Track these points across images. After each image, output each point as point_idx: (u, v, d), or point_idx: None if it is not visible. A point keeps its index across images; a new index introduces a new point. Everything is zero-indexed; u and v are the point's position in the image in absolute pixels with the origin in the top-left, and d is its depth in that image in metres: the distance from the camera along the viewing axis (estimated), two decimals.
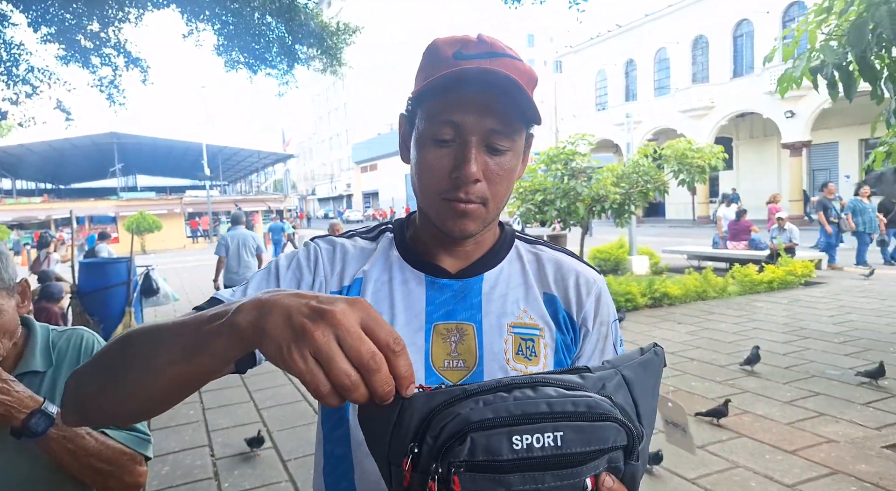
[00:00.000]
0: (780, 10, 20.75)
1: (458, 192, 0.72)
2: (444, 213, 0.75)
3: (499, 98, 0.70)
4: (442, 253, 0.82)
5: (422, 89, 0.73)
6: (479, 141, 0.72)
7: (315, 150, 71.66)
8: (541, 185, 9.53)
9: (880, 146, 4.99)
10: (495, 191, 0.75)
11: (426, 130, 0.74)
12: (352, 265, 0.83)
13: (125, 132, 34.33)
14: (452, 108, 0.71)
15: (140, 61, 7.91)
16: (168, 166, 46.90)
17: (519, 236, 0.89)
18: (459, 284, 0.80)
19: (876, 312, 6.64)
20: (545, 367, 0.79)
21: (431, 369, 0.75)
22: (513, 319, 0.79)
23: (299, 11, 7.40)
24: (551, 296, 0.83)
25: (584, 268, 0.87)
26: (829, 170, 21.57)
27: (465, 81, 0.69)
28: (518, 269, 0.84)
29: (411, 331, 0.77)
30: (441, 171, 0.73)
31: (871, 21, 3.68)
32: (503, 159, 0.74)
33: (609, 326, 0.85)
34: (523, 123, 0.75)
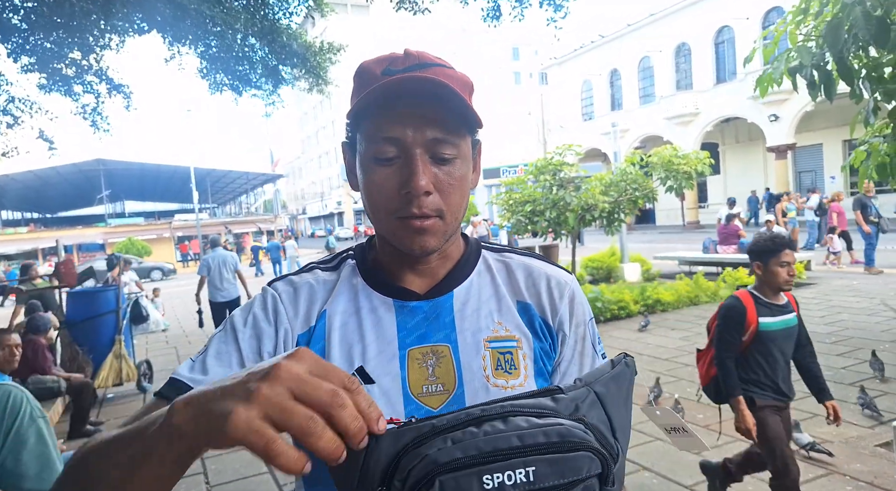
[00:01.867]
0: (760, 16, 21.11)
1: (410, 208, 0.70)
2: (400, 233, 0.72)
3: (434, 105, 0.69)
4: (407, 274, 0.79)
5: (355, 109, 0.71)
6: (424, 153, 0.70)
7: (304, 169, 71.73)
8: (530, 197, 9.57)
9: (860, 146, 5.06)
10: (449, 202, 0.72)
11: (367, 151, 0.72)
12: (316, 302, 0.79)
13: (111, 158, 34.22)
14: (390, 124, 0.69)
15: (123, 87, 7.90)
16: (156, 191, 46.73)
17: (485, 246, 0.87)
18: (430, 304, 0.77)
19: (866, 311, 6.67)
20: (526, 378, 0.76)
21: (410, 397, 0.72)
22: (488, 334, 0.77)
23: (282, 32, 7.44)
24: (525, 303, 0.80)
25: (554, 270, 0.84)
26: (815, 171, 21.85)
27: (396, 94, 0.67)
28: (488, 280, 0.82)
29: (385, 360, 0.74)
30: (389, 189, 0.71)
31: (846, 22, 3.73)
32: (452, 168, 0.72)
33: (586, 326, 0.83)
34: (466, 129, 0.74)
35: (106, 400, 5.91)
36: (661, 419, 1.88)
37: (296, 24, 8.43)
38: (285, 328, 0.76)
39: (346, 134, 0.78)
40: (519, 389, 0.74)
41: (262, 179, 42.95)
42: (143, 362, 6.26)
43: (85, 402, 4.84)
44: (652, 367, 5.27)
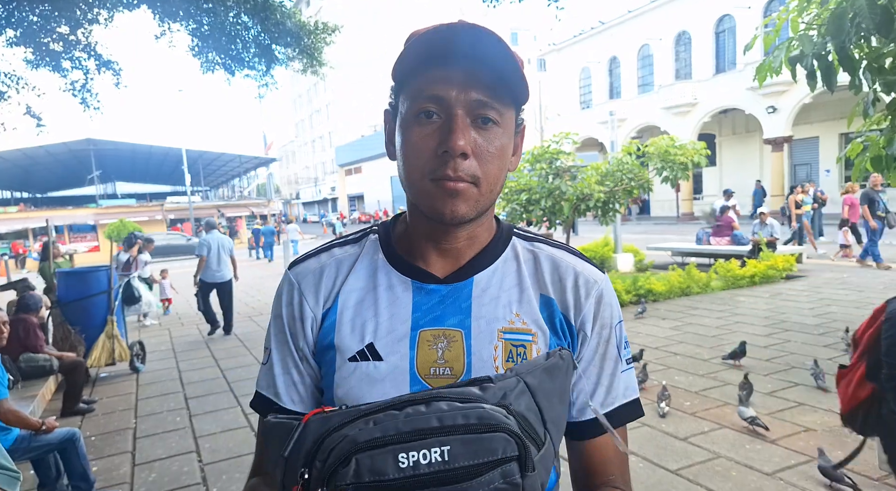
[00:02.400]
0: (762, 5, 20.97)
1: (446, 169, 0.67)
2: (433, 196, 0.70)
3: (485, 68, 0.67)
4: (432, 253, 0.77)
5: (401, 68, 0.70)
6: (465, 114, 0.68)
7: (298, 153, 71.22)
8: (526, 185, 9.56)
9: (858, 138, 5.06)
10: (486, 170, 0.70)
11: (409, 111, 0.70)
12: (337, 280, 0.79)
13: (102, 138, 33.81)
14: (434, 81, 0.68)
15: (112, 64, 7.77)
16: (148, 172, 46.30)
17: (517, 233, 0.84)
18: (448, 289, 0.76)
19: (854, 304, 6.74)
20: None
21: (417, 377, 0.72)
22: (504, 324, 0.75)
23: (275, 10, 7.31)
24: (548, 298, 0.77)
25: (585, 266, 0.80)
26: (811, 164, 21.91)
27: (446, 52, 0.66)
28: (513, 269, 0.79)
29: (395, 338, 0.74)
30: (426, 149, 0.69)
31: (850, 11, 3.71)
32: (492, 135, 0.70)
33: (612, 329, 0.78)
34: (511, 99, 0.72)
35: (99, 379, 5.92)
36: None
37: (290, 2, 8.30)
38: (311, 316, 0.78)
39: (389, 99, 0.76)
40: None
41: (255, 163, 42.63)
42: (136, 343, 6.26)
43: (77, 380, 4.86)
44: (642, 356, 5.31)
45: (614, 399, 0.77)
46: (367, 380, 0.72)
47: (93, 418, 4.70)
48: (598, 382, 0.77)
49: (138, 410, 4.86)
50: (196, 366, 6.16)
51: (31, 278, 6.62)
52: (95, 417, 4.74)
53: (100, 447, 4.07)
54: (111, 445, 4.11)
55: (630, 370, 0.80)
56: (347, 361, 0.73)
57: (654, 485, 2.97)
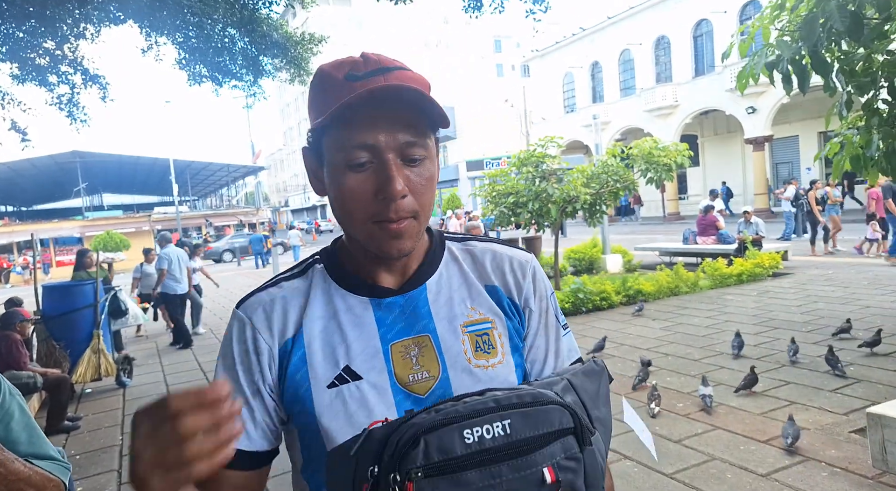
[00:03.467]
0: (737, 10, 21.34)
1: (388, 212, 0.71)
2: (378, 237, 0.74)
3: (406, 111, 0.71)
4: (380, 272, 0.81)
5: (326, 120, 0.71)
6: (396, 156, 0.71)
7: (286, 161, 70.96)
8: (513, 188, 9.61)
9: (835, 138, 5.16)
10: (423, 202, 0.74)
11: (338, 158, 0.72)
12: (291, 314, 0.79)
13: (88, 150, 33.48)
14: (362, 131, 0.70)
15: (99, 78, 7.72)
16: (135, 183, 45.90)
17: (448, 237, 0.90)
18: (405, 298, 0.80)
19: (840, 300, 6.83)
20: (504, 355, 0.80)
21: (398, 387, 0.75)
22: (464, 319, 0.80)
23: (262, 22, 7.32)
24: (493, 286, 0.84)
25: (514, 252, 0.89)
26: (792, 163, 22.26)
27: (368, 102, 0.68)
28: (456, 269, 0.85)
29: (369, 356, 0.76)
30: (365, 195, 0.72)
31: (821, 16, 3.81)
32: (422, 169, 0.74)
33: (548, 300, 0.87)
34: (432, 130, 0.76)
35: (84, 395, 5.83)
36: (628, 417, 1.90)
37: (276, 15, 8.31)
38: (267, 352, 0.77)
39: (308, 139, 0.78)
40: (499, 365, 0.79)
41: (243, 171, 42.40)
42: (123, 357, 6.19)
43: (62, 397, 4.76)
44: (633, 356, 5.35)
45: (563, 362, 0.85)
46: (350, 400, 0.73)
47: (78, 436, 4.62)
48: (546, 349, 0.85)
49: (125, 426, 4.78)
50: (184, 379, 6.09)
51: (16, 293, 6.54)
52: (81, 434, 4.65)
53: (85, 466, 3.99)
54: (97, 464, 4.04)
55: (569, 333, 0.89)
56: (326, 388, 0.74)
57: (649, 489, 2.99)
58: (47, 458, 1.27)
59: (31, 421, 1.32)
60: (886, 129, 4.56)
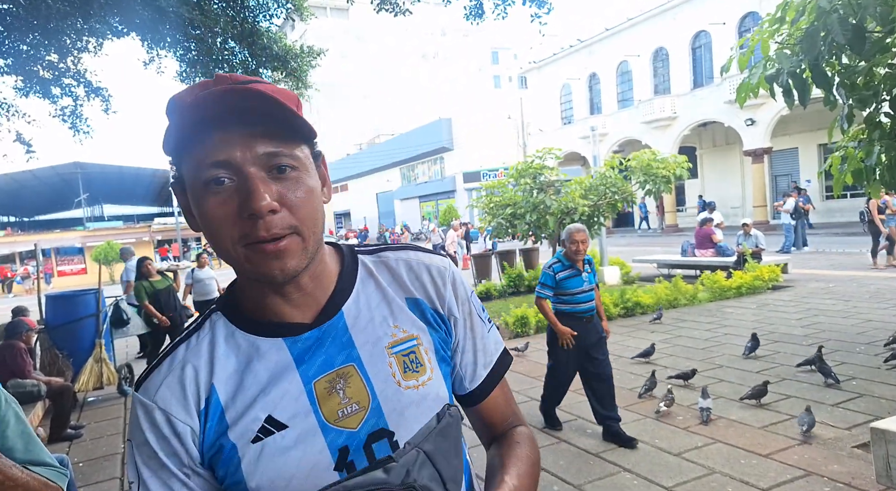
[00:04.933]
0: (736, 22, 21.50)
1: (258, 232, 0.64)
2: (255, 261, 0.66)
3: (261, 120, 0.64)
4: (287, 307, 0.73)
5: (172, 143, 0.65)
6: (259, 170, 0.64)
7: None
8: (511, 200, 9.65)
9: (837, 151, 5.17)
10: (302, 215, 0.67)
11: (196, 182, 0.65)
12: (201, 379, 0.71)
13: (89, 161, 33.59)
14: (213, 147, 0.63)
15: (101, 90, 7.80)
16: (135, 194, 45.87)
17: (360, 251, 0.84)
18: (321, 330, 0.73)
19: (841, 314, 6.83)
20: (432, 371, 0.77)
21: (328, 426, 0.70)
22: (388, 340, 0.75)
23: (261, 35, 7.40)
24: (414, 299, 0.80)
25: (430, 258, 0.84)
26: (791, 175, 22.31)
27: (212, 115, 0.62)
28: (372, 286, 0.79)
29: (292, 400, 0.70)
30: (230, 215, 0.64)
31: (822, 29, 3.83)
32: (294, 181, 0.67)
33: (469, 302, 0.84)
34: (300, 139, 0.69)
35: (87, 403, 5.83)
36: None
37: (276, 27, 8.39)
38: (187, 430, 0.70)
39: (172, 174, 0.71)
40: (428, 382, 0.76)
41: None
42: (125, 366, 6.20)
43: (65, 406, 4.79)
44: (631, 368, 5.35)
45: (491, 357, 0.85)
46: (278, 452, 0.68)
47: (81, 444, 4.63)
48: (475, 349, 0.84)
49: (127, 434, 4.77)
50: None
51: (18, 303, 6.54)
52: (83, 442, 4.67)
53: (88, 474, 4.01)
54: (100, 471, 4.05)
55: (493, 328, 0.88)
56: (251, 443, 0.68)
57: None
58: (44, 464, 1.29)
59: (27, 429, 1.34)
60: (889, 142, 4.56)
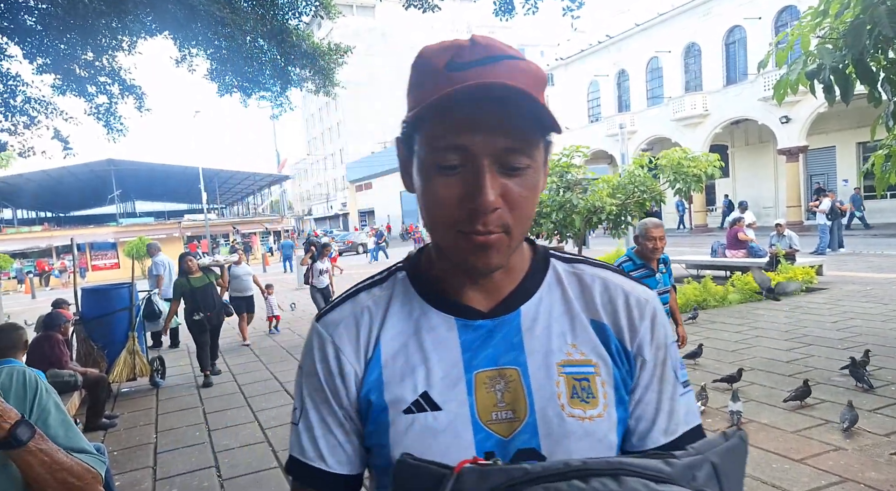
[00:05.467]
0: (772, 16, 20.91)
1: (474, 225, 0.62)
2: (461, 248, 0.65)
3: (508, 112, 0.61)
4: (468, 289, 0.71)
5: (416, 114, 0.63)
6: (492, 163, 0.62)
7: (310, 170, 71.91)
8: None
9: (880, 149, 4.98)
10: (519, 215, 0.64)
11: (428, 158, 0.64)
12: (372, 328, 0.72)
13: (122, 159, 34.50)
14: (456, 130, 0.61)
15: (135, 88, 7.98)
16: (166, 191, 47.02)
17: (554, 255, 0.77)
18: (495, 323, 0.70)
19: (881, 317, 6.61)
20: (605, 408, 0.68)
21: (480, 425, 0.67)
22: (562, 357, 0.69)
23: (291, 33, 7.46)
24: (601, 323, 0.71)
25: (632, 286, 0.74)
26: (827, 174, 21.65)
27: (464, 100, 0.59)
28: (558, 295, 0.73)
29: (451, 384, 0.68)
30: (451, 201, 0.63)
31: (869, 21, 3.69)
32: (523, 179, 0.64)
33: (666, 350, 0.73)
34: (540, 134, 0.65)
35: (120, 394, 6.00)
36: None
37: (304, 25, 8.47)
38: (352, 372, 0.72)
39: (402, 130, 0.69)
40: (598, 419, 0.67)
41: (268, 180, 43.11)
42: (157, 358, 6.35)
43: (100, 395, 4.94)
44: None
45: (676, 426, 0.71)
46: (427, 432, 0.66)
47: (115, 433, 4.77)
48: (658, 408, 0.71)
49: (158, 425, 4.91)
50: (213, 381, 6.20)
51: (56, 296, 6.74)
52: (117, 432, 4.80)
53: (122, 462, 4.11)
54: (133, 460, 4.16)
55: (689, 393, 0.74)
56: (402, 413, 0.68)
57: None
58: (83, 452, 1.33)
59: (66, 417, 1.37)
60: None
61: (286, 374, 6.34)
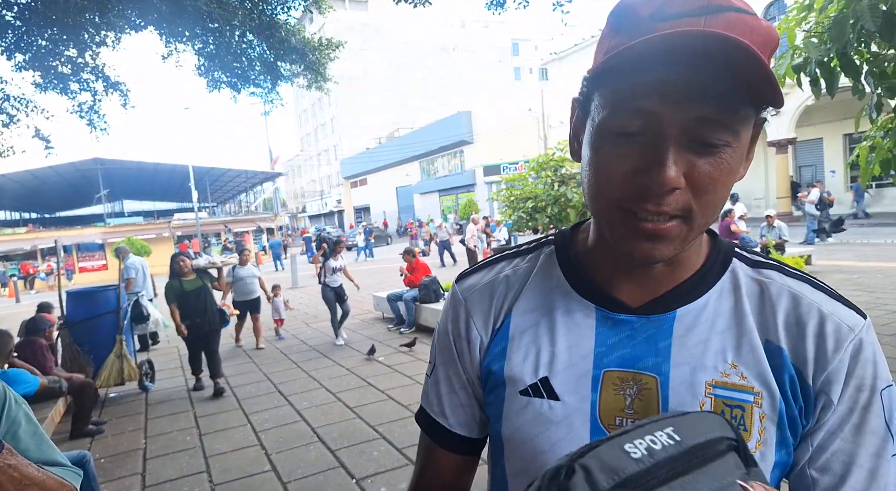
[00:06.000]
0: (761, 10, 21.04)
1: (644, 204, 0.53)
2: (621, 231, 0.56)
3: (719, 73, 0.49)
4: (619, 278, 0.63)
5: (602, 67, 0.53)
6: (681, 135, 0.51)
7: (303, 167, 71.64)
8: (531, 193, 9.56)
9: (864, 141, 5.02)
10: (705, 201, 0.54)
11: (606, 122, 0.54)
12: (506, 298, 0.69)
13: (109, 157, 34.12)
14: (644, 91, 0.51)
15: (120, 85, 7.85)
16: (155, 190, 46.64)
17: (739, 255, 0.65)
18: (642, 321, 0.62)
19: (865, 305, 6.62)
20: (759, 445, 0.58)
21: (599, 426, 0.60)
22: (715, 376, 0.59)
23: (280, 28, 7.37)
24: (777, 347, 0.59)
25: (836, 307, 0.60)
26: (815, 166, 21.86)
27: (664, 52, 0.48)
28: (730, 305, 0.61)
29: (575, 375, 0.62)
30: (622, 173, 0.53)
31: (852, 16, 3.72)
32: (718, 159, 0.53)
33: (874, 393, 0.58)
34: (752, 107, 0.53)
35: (108, 400, 5.89)
36: None
37: (294, 20, 8.36)
38: (478, 338, 0.70)
39: (581, 89, 0.60)
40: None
41: (261, 177, 42.88)
42: (146, 362, 6.24)
43: (86, 402, 4.83)
44: None
45: (882, 490, 0.56)
46: (540, 420, 0.62)
47: (102, 440, 4.66)
48: (852, 462, 0.57)
49: (148, 430, 4.82)
50: (205, 383, 6.11)
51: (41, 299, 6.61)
52: (105, 438, 4.70)
53: (109, 470, 4.02)
54: (121, 467, 4.07)
55: None
56: (518, 394, 0.64)
57: None
58: (56, 464, 1.28)
59: (38, 429, 1.33)
60: None
61: (279, 375, 6.27)
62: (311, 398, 5.28)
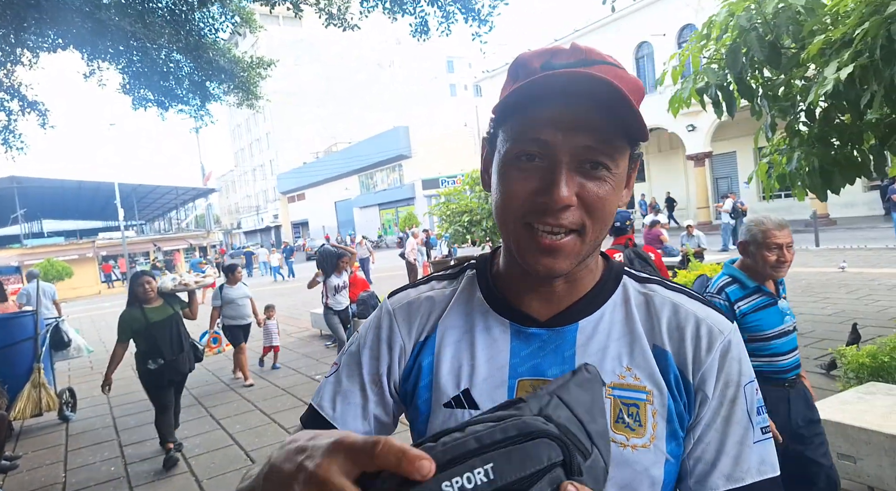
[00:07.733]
0: (675, 33, 22.51)
1: (544, 217, 0.61)
2: (526, 246, 0.64)
3: (595, 109, 0.59)
4: (530, 295, 0.70)
5: (501, 104, 0.63)
6: (572, 161, 0.61)
7: (238, 182, 69.61)
8: (467, 207, 9.82)
9: (763, 158, 5.51)
10: (594, 217, 0.63)
11: (508, 152, 0.64)
12: (431, 315, 0.74)
13: (27, 176, 32.04)
14: (539, 124, 0.61)
15: (37, 105, 7.53)
16: (78, 209, 44.06)
17: (629, 273, 0.74)
18: (549, 333, 0.69)
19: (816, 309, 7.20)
20: (653, 439, 0.65)
21: None
22: (613, 379, 0.66)
23: (207, 48, 7.32)
24: (662, 350, 0.67)
25: (708, 314, 0.69)
26: (730, 177, 23.45)
27: (552, 92, 0.59)
28: (621, 316, 0.70)
29: (492, 386, 0.68)
30: (524, 193, 0.62)
31: (743, 45, 4.14)
32: (602, 182, 0.62)
33: (739, 388, 0.67)
34: (627, 141, 0.64)
35: (24, 432, 5.59)
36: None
37: (223, 40, 8.30)
38: (400, 344, 0.74)
39: (489, 129, 0.70)
40: (641, 449, 0.64)
41: (193, 194, 41.38)
42: (66, 390, 5.97)
43: None
44: None
45: (744, 474, 0.65)
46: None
47: (16, 476, 4.44)
48: (720, 450, 0.65)
49: (68, 462, 4.63)
50: (131, 411, 5.91)
51: None
52: (19, 474, 4.47)
53: None
54: None
55: (767, 441, 0.67)
56: (443, 406, 0.69)
57: None
58: None
59: None
60: (807, 149, 4.94)
61: (212, 399, 6.14)
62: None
